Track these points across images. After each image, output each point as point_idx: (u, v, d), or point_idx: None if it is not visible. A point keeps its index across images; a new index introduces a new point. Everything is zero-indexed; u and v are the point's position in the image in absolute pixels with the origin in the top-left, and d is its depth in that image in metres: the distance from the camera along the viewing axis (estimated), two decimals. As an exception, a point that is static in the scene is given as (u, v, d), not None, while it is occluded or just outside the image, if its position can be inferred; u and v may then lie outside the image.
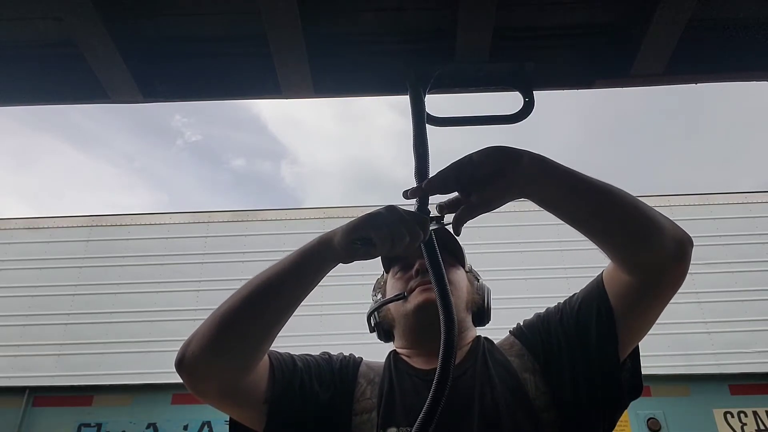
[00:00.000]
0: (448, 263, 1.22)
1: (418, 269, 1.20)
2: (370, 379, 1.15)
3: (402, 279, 1.25)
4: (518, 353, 1.12)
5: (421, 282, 1.19)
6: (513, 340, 1.17)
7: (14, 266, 5.52)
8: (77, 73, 1.44)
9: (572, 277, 5.14)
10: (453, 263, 1.27)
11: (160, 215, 5.79)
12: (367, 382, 1.14)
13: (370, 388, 1.12)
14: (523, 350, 1.12)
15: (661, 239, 0.96)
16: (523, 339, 1.14)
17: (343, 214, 5.67)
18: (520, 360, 1.10)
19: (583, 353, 1.03)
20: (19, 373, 4.99)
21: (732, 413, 3.31)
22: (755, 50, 1.41)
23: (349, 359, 1.21)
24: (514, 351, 1.13)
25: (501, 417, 0.99)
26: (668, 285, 1.01)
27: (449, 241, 1.24)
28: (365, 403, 1.09)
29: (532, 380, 1.06)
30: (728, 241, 5.35)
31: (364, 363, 1.21)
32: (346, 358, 1.22)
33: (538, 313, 1.17)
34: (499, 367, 1.09)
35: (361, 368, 1.18)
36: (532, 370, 1.07)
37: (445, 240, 1.22)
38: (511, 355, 1.12)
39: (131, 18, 1.34)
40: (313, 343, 5.03)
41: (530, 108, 1.38)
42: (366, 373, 1.17)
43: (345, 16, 1.37)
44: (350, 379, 1.14)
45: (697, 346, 4.94)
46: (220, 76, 1.46)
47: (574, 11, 1.37)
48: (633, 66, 1.38)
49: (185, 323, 5.19)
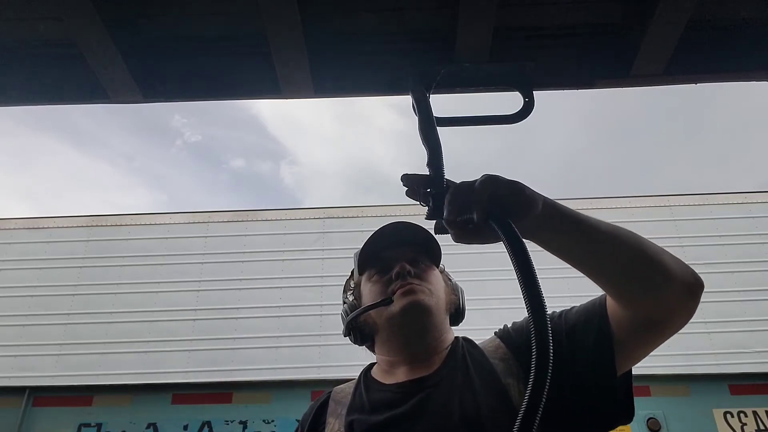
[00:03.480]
0: (424, 264, 1.21)
1: (399, 272, 1.15)
2: (337, 414, 1.13)
3: (380, 282, 1.19)
4: (502, 357, 1.08)
5: (401, 284, 1.14)
6: (498, 342, 1.12)
7: (14, 266, 5.51)
8: (77, 73, 1.44)
9: (571, 277, 5.14)
10: (429, 264, 1.23)
11: (160, 215, 5.78)
12: (335, 418, 1.12)
13: (338, 422, 1.10)
14: (507, 354, 1.08)
15: (669, 285, 0.92)
16: (509, 342, 1.10)
17: (343, 214, 5.67)
18: (504, 364, 1.06)
19: (573, 366, 0.98)
20: (19, 373, 4.99)
21: (732, 413, 3.31)
22: (755, 50, 1.41)
23: (313, 407, 1.20)
24: (498, 354, 1.09)
25: (484, 423, 0.96)
26: (674, 325, 0.97)
27: (428, 240, 1.22)
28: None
29: (515, 386, 1.01)
30: (728, 241, 5.35)
31: (332, 400, 1.18)
32: (309, 410, 1.21)
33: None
34: (481, 371, 1.06)
35: (329, 407, 1.16)
36: (516, 376, 1.02)
37: (426, 239, 1.21)
38: (495, 358, 1.08)
39: (131, 18, 1.34)
40: (313, 342, 5.02)
41: (530, 108, 1.38)
42: (333, 410, 1.15)
43: (345, 15, 1.37)
44: (320, 426, 1.13)
45: (696, 346, 4.94)
46: (220, 76, 1.46)
47: (575, 11, 1.37)
48: (633, 66, 1.38)
49: (185, 323, 5.19)
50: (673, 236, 5.38)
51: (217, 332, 5.09)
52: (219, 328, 5.11)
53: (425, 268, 1.20)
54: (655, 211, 5.50)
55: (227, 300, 5.19)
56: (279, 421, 3.39)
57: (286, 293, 5.26)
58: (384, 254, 1.22)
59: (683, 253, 5.35)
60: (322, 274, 5.28)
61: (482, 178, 0.88)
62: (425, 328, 1.13)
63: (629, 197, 5.64)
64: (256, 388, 3.54)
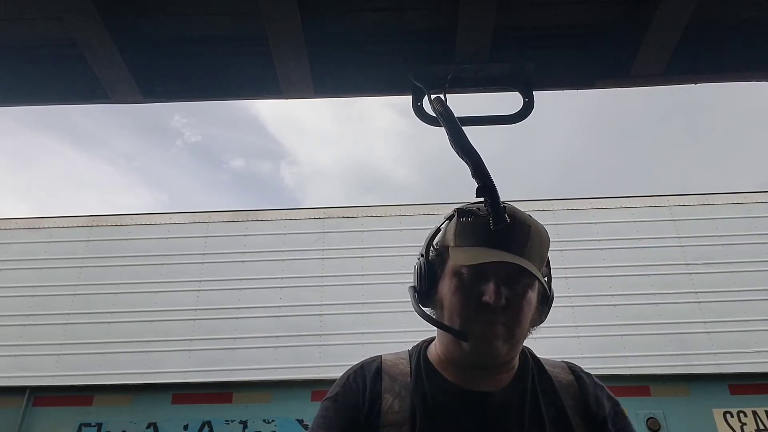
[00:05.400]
0: (523, 283, 1.02)
1: (488, 303, 0.97)
2: (396, 392, 1.05)
3: (466, 292, 1.01)
4: (574, 395, 1.06)
5: (485, 322, 0.99)
6: (572, 380, 1.09)
7: (14, 266, 5.51)
8: (77, 73, 1.44)
9: (571, 277, 5.14)
10: (528, 283, 1.03)
11: (160, 215, 5.78)
12: (393, 396, 1.04)
13: (398, 402, 1.03)
14: (578, 399, 1.06)
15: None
16: (585, 399, 1.07)
17: (343, 214, 5.67)
18: (575, 402, 1.04)
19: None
20: (19, 372, 4.99)
21: (732, 413, 3.31)
22: (755, 50, 1.41)
23: (365, 373, 1.09)
24: (571, 392, 1.06)
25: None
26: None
27: (540, 246, 1.06)
28: (393, 417, 1.02)
29: (582, 426, 1.01)
30: (728, 241, 5.35)
31: (385, 373, 1.09)
32: (359, 373, 1.10)
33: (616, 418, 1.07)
34: (549, 406, 1.03)
35: (384, 381, 1.07)
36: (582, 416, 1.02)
37: (539, 245, 1.05)
38: (564, 393, 1.05)
39: (131, 18, 1.34)
40: (313, 342, 5.02)
41: (530, 108, 1.38)
42: (390, 386, 1.06)
43: (345, 16, 1.37)
44: (374, 397, 1.05)
45: (696, 346, 4.94)
46: (220, 76, 1.46)
47: (574, 11, 1.37)
48: (633, 66, 1.38)
49: (185, 323, 5.19)
50: (673, 236, 5.38)
51: (217, 332, 5.10)
52: (219, 328, 5.11)
53: (522, 292, 1.01)
54: (655, 211, 5.50)
55: (227, 300, 5.19)
56: (279, 421, 3.39)
57: (286, 293, 5.26)
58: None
59: (683, 253, 5.36)
60: (322, 274, 5.27)
61: None
62: (492, 366, 1.06)
63: (629, 197, 5.64)
64: (256, 387, 3.53)
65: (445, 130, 1.16)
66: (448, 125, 1.15)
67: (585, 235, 5.35)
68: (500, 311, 0.98)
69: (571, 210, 5.52)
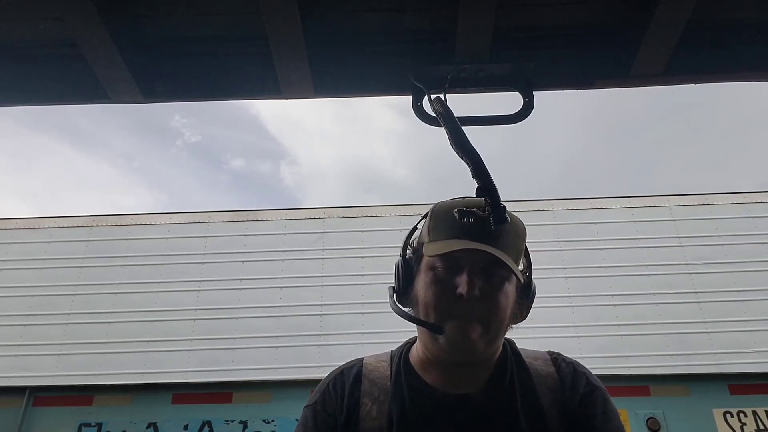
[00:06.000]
0: (500, 274, 1.00)
1: (463, 294, 0.96)
2: (375, 397, 1.05)
3: (441, 282, 1.00)
4: (552, 387, 1.05)
5: (458, 313, 0.97)
6: (552, 371, 1.08)
7: (14, 266, 5.52)
8: (77, 73, 1.44)
9: (571, 277, 5.14)
10: (504, 274, 1.01)
11: (160, 215, 5.78)
12: (372, 401, 1.04)
13: (376, 408, 1.03)
14: (557, 390, 1.05)
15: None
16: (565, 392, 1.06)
17: (343, 214, 5.67)
18: (553, 394, 1.03)
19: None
20: (19, 373, 4.99)
21: (732, 413, 3.31)
22: (755, 50, 1.41)
23: (344, 379, 1.09)
24: (549, 384, 1.05)
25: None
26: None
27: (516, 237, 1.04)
28: (371, 423, 1.01)
29: (556, 417, 1.00)
30: (728, 241, 5.35)
31: (365, 377, 1.08)
32: (339, 379, 1.10)
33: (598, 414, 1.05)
34: (526, 403, 1.02)
35: (363, 385, 1.07)
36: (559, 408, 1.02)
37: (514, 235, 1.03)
38: (542, 386, 1.05)
39: (131, 18, 1.34)
40: (313, 342, 5.02)
41: (530, 108, 1.38)
42: (368, 390, 1.06)
43: (345, 16, 1.37)
44: (353, 403, 1.05)
45: (696, 346, 4.94)
46: (220, 76, 1.46)
47: (574, 11, 1.37)
48: (633, 66, 1.38)
49: (185, 323, 5.19)
50: (673, 236, 5.39)
51: (217, 332, 5.10)
52: (219, 328, 5.11)
53: (497, 284, 1.00)
54: (655, 211, 5.50)
55: (227, 300, 5.19)
56: (279, 421, 3.39)
57: (286, 293, 5.27)
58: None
59: (683, 253, 5.36)
60: (322, 274, 5.27)
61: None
62: (471, 362, 1.04)
63: (629, 197, 5.64)
64: (256, 388, 3.54)
65: (445, 130, 1.16)
66: (448, 125, 1.15)
67: (585, 235, 5.35)
68: (475, 304, 0.96)
69: (571, 210, 5.52)
